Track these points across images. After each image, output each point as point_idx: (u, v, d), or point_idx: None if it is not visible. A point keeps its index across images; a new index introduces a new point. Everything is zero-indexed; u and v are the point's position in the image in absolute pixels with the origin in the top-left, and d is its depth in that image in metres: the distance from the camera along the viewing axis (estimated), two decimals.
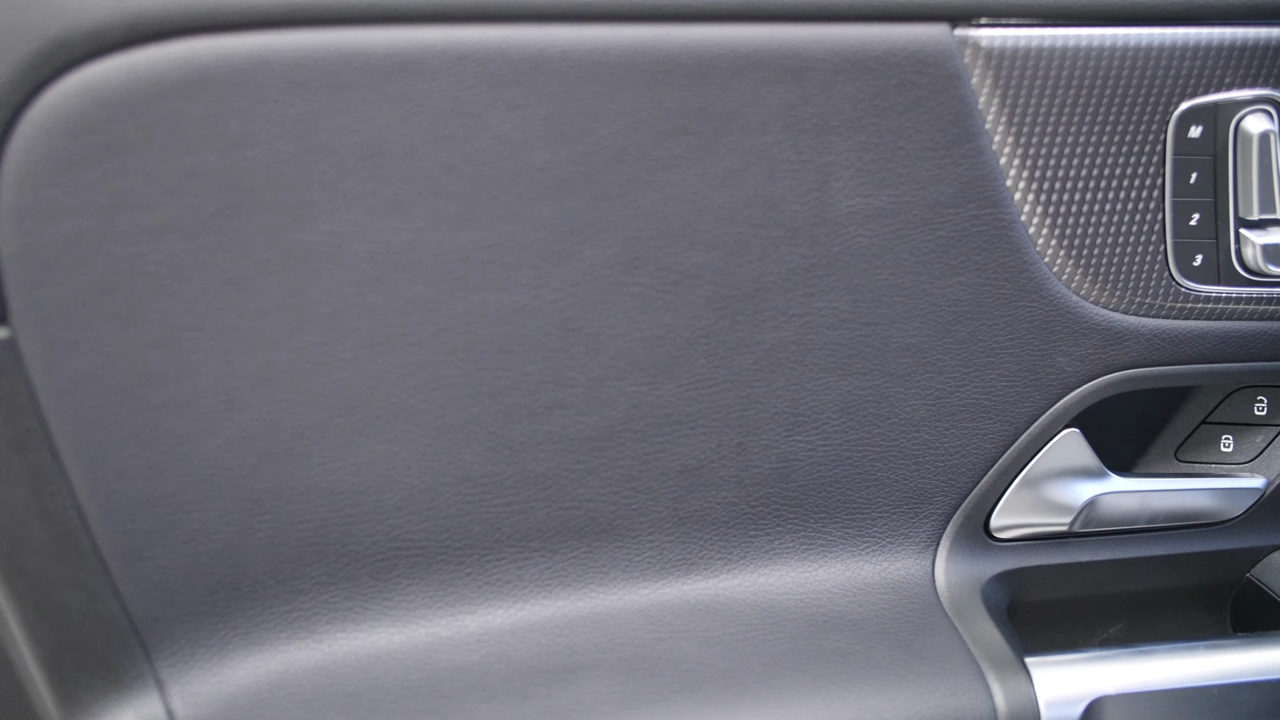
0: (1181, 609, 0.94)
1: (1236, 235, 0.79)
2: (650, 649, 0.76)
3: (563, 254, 0.69)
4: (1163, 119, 0.75)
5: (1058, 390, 0.81)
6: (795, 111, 0.69)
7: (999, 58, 0.71)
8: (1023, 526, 0.85)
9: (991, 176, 0.73)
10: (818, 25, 0.68)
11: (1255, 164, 0.77)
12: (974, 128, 0.72)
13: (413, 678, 0.72)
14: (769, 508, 0.79)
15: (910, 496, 0.82)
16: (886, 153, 0.71)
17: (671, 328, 0.73)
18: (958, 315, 0.77)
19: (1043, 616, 0.91)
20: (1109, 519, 0.86)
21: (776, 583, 0.81)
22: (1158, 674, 0.80)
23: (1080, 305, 0.79)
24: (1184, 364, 0.82)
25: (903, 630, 0.80)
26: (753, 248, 0.72)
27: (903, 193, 0.72)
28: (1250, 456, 0.90)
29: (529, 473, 0.74)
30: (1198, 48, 0.73)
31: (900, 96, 0.70)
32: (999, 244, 0.75)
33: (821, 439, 0.78)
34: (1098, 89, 0.73)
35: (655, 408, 0.74)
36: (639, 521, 0.77)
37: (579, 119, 0.66)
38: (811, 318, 0.75)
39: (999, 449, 0.82)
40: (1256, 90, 0.75)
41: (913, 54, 0.69)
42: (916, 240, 0.74)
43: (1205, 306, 0.80)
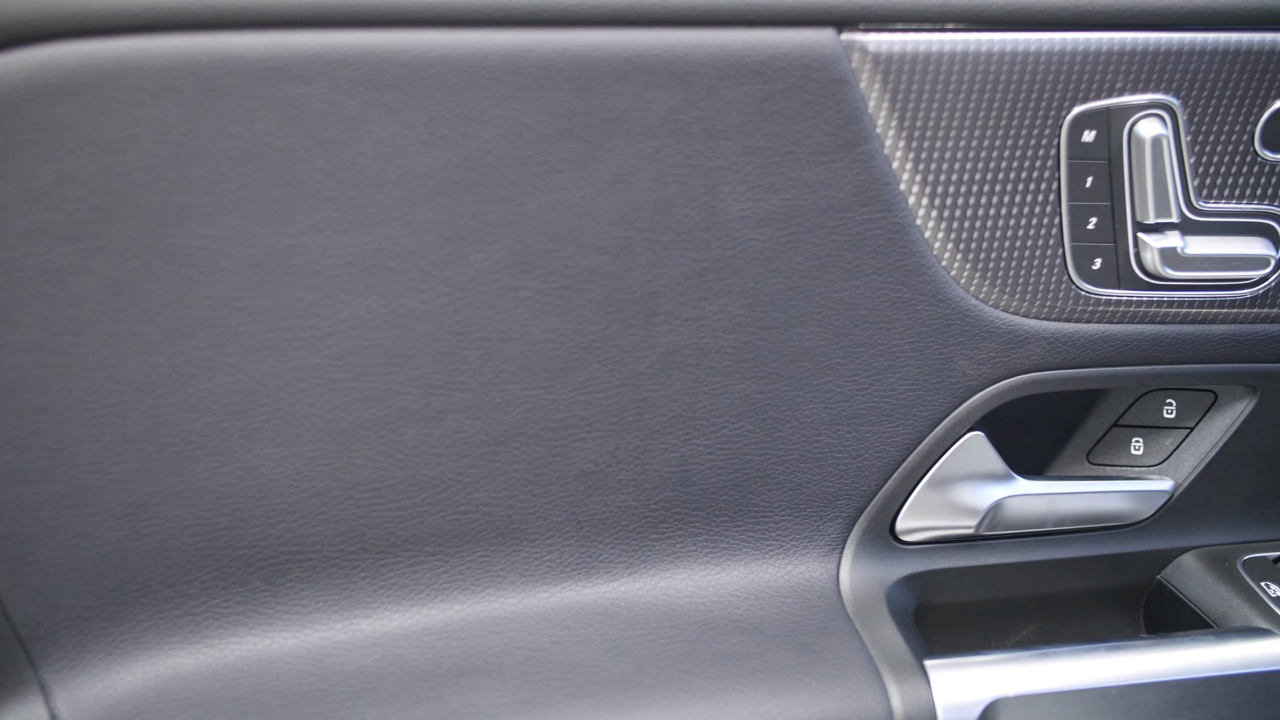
0: (1094, 611, 0.94)
1: (1135, 239, 0.79)
2: (547, 652, 0.76)
3: (449, 258, 0.69)
4: (1055, 123, 0.75)
5: (960, 394, 0.81)
6: (681, 116, 0.69)
7: (887, 62, 0.71)
8: (929, 529, 0.86)
9: (884, 180, 0.74)
10: (701, 30, 0.68)
11: (1149, 168, 0.77)
12: (864, 132, 0.72)
13: (304, 681, 0.72)
14: (669, 511, 0.80)
15: (814, 500, 0.82)
16: (776, 157, 0.71)
17: (563, 332, 0.73)
18: (855, 319, 0.77)
19: (954, 619, 0.91)
20: (1016, 521, 0.87)
21: (678, 586, 0.81)
22: (1056, 676, 0.80)
23: (980, 309, 0.79)
24: (1086, 367, 0.82)
25: (803, 633, 0.80)
26: (643, 252, 0.72)
27: (794, 197, 0.73)
28: (1160, 459, 0.91)
29: (422, 476, 0.74)
30: (1088, 53, 0.73)
31: (788, 101, 0.70)
32: (894, 248, 0.75)
33: (720, 442, 0.78)
34: (988, 93, 0.73)
35: (550, 412, 0.74)
36: (537, 525, 0.77)
37: (460, 123, 0.66)
38: (706, 322, 0.75)
39: (902, 452, 0.82)
40: (1150, 95, 0.76)
41: (799, 58, 0.69)
42: (809, 244, 0.74)
43: (1106, 310, 0.81)
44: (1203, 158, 0.78)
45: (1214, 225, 0.80)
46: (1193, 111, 0.76)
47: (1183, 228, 0.79)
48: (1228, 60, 0.75)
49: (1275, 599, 0.88)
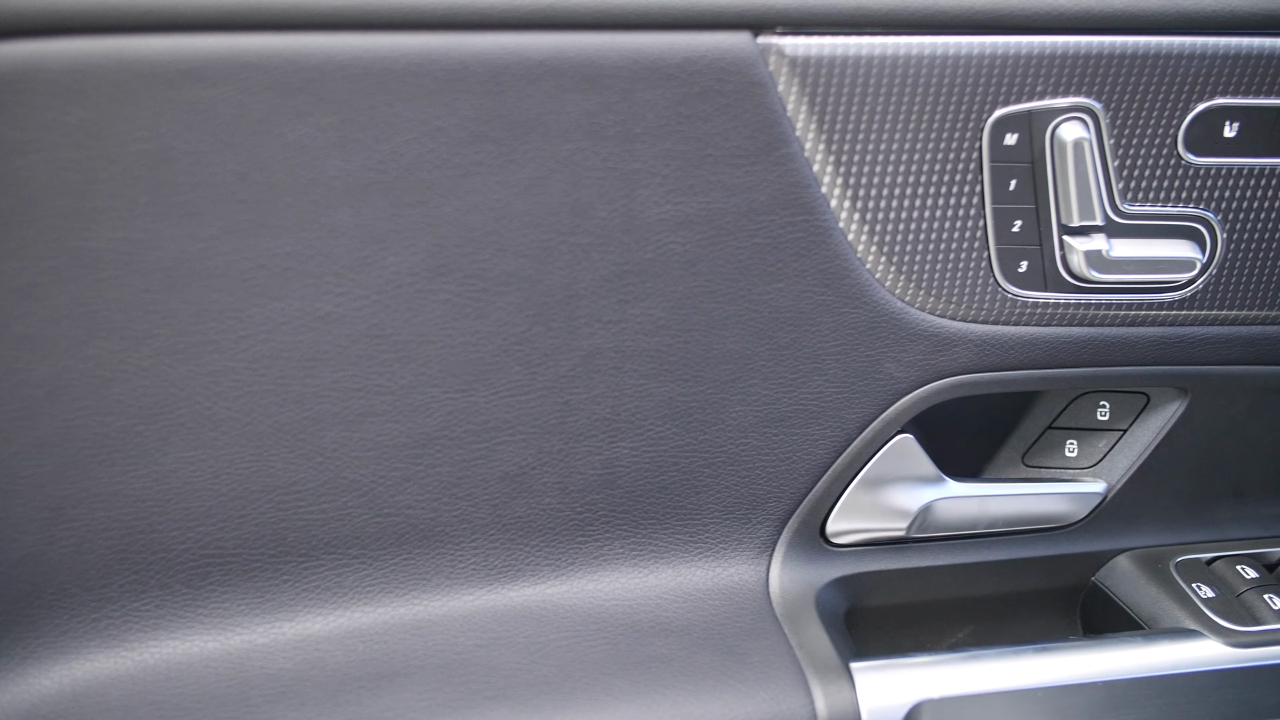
0: (1031, 613, 0.94)
1: (1060, 242, 0.79)
2: (469, 656, 0.76)
3: (365, 261, 0.69)
4: (976, 127, 0.75)
5: (887, 396, 0.81)
6: (596, 119, 0.69)
7: (803, 65, 0.71)
8: (859, 532, 0.86)
9: (805, 183, 0.74)
10: (614, 34, 0.68)
11: (1072, 171, 0.77)
12: (783, 134, 0.72)
13: (223, 685, 0.72)
14: (596, 514, 0.80)
15: (743, 502, 0.82)
16: (694, 160, 0.71)
17: (483, 334, 0.73)
18: (779, 321, 0.77)
19: (889, 621, 0.91)
20: (947, 524, 0.87)
21: (605, 589, 0.81)
22: (983, 678, 0.80)
23: (906, 311, 0.79)
24: (1015, 370, 0.82)
25: (729, 636, 0.80)
26: (562, 254, 0.72)
27: (713, 199, 0.73)
28: (1093, 461, 0.91)
29: (343, 479, 0.74)
30: (1007, 56, 0.74)
31: (704, 104, 0.70)
32: (816, 250, 0.75)
33: (646, 445, 0.78)
34: (906, 96, 0.73)
35: (471, 414, 0.74)
36: (461, 528, 0.77)
37: (371, 126, 0.66)
38: (627, 324, 0.75)
39: (831, 455, 0.82)
40: (1071, 99, 0.76)
41: (714, 62, 0.69)
42: (731, 247, 0.74)
43: (1033, 312, 0.81)
44: (1126, 161, 0.78)
45: (1140, 228, 0.80)
46: (1115, 115, 0.77)
47: (1108, 230, 0.79)
48: (1149, 64, 0.76)
49: (1206, 600, 0.88)
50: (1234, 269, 0.83)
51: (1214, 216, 0.81)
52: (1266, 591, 0.89)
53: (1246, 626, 0.86)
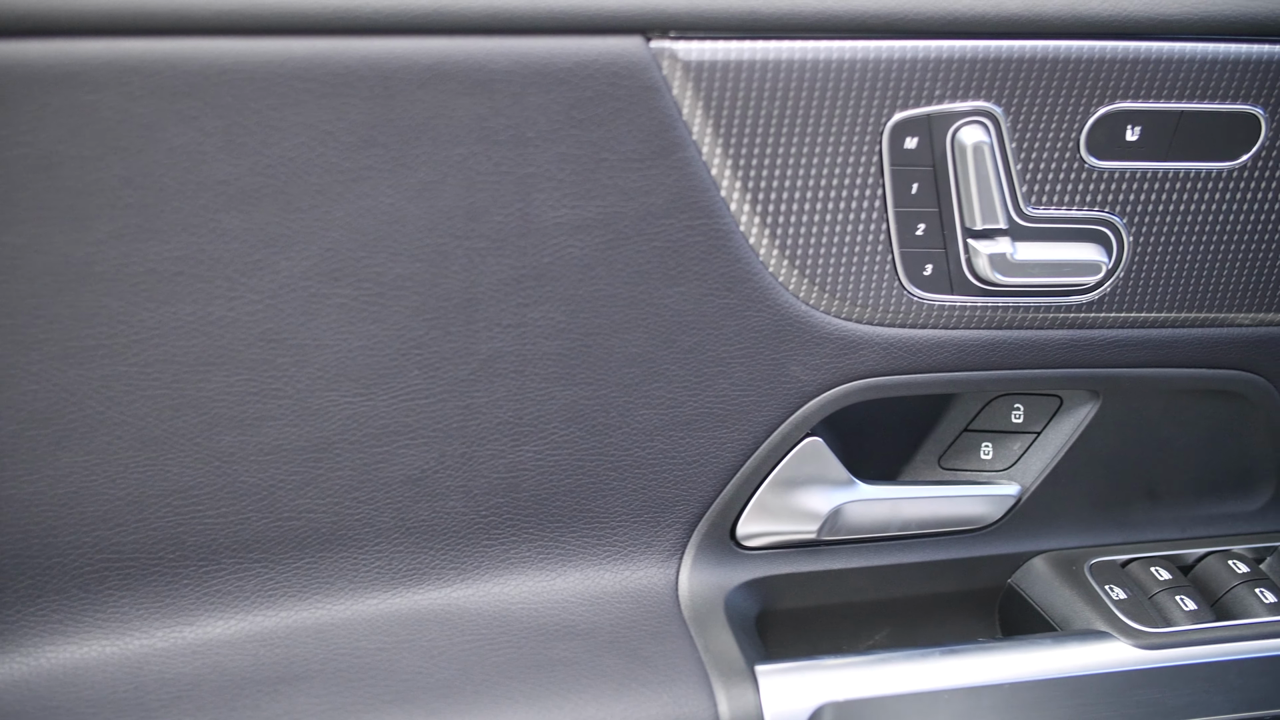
0: (949, 615, 0.94)
1: (965, 245, 0.79)
2: (371, 659, 0.76)
3: (256, 265, 0.69)
4: (875, 130, 0.75)
5: (794, 399, 0.81)
6: (488, 123, 0.69)
7: (697, 69, 0.71)
8: (770, 534, 0.86)
9: (703, 187, 0.74)
10: (504, 38, 0.68)
11: (973, 175, 0.77)
12: (679, 138, 0.72)
13: (119, 690, 0.72)
14: (501, 517, 0.80)
15: (651, 505, 0.82)
16: (589, 164, 0.71)
17: (380, 339, 0.73)
18: (681, 325, 0.77)
19: (804, 624, 0.91)
20: (858, 526, 0.87)
21: (511, 592, 0.81)
22: (889, 680, 0.81)
23: (810, 314, 0.79)
24: (924, 372, 0.83)
25: (635, 639, 0.80)
26: (458, 259, 0.72)
27: (611, 203, 0.73)
28: (1008, 463, 0.91)
29: (242, 484, 0.74)
30: (904, 60, 0.74)
31: (597, 108, 0.70)
32: (717, 254, 0.76)
33: (550, 449, 0.78)
34: (804, 100, 0.73)
35: (371, 418, 0.74)
36: (364, 532, 0.77)
37: (259, 131, 0.66)
38: (527, 328, 0.75)
39: (739, 458, 0.82)
40: (971, 103, 0.76)
41: (605, 66, 0.69)
42: (630, 251, 0.74)
43: (940, 315, 0.81)
44: (1029, 164, 0.78)
45: (1045, 231, 0.80)
46: (1015, 119, 0.77)
47: (1012, 234, 0.79)
48: (1048, 68, 0.76)
49: (1118, 602, 0.88)
50: (1141, 272, 0.83)
51: (1119, 220, 0.81)
52: (1178, 593, 0.89)
53: (1157, 628, 0.87)
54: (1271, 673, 0.87)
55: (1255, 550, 0.96)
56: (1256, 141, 0.81)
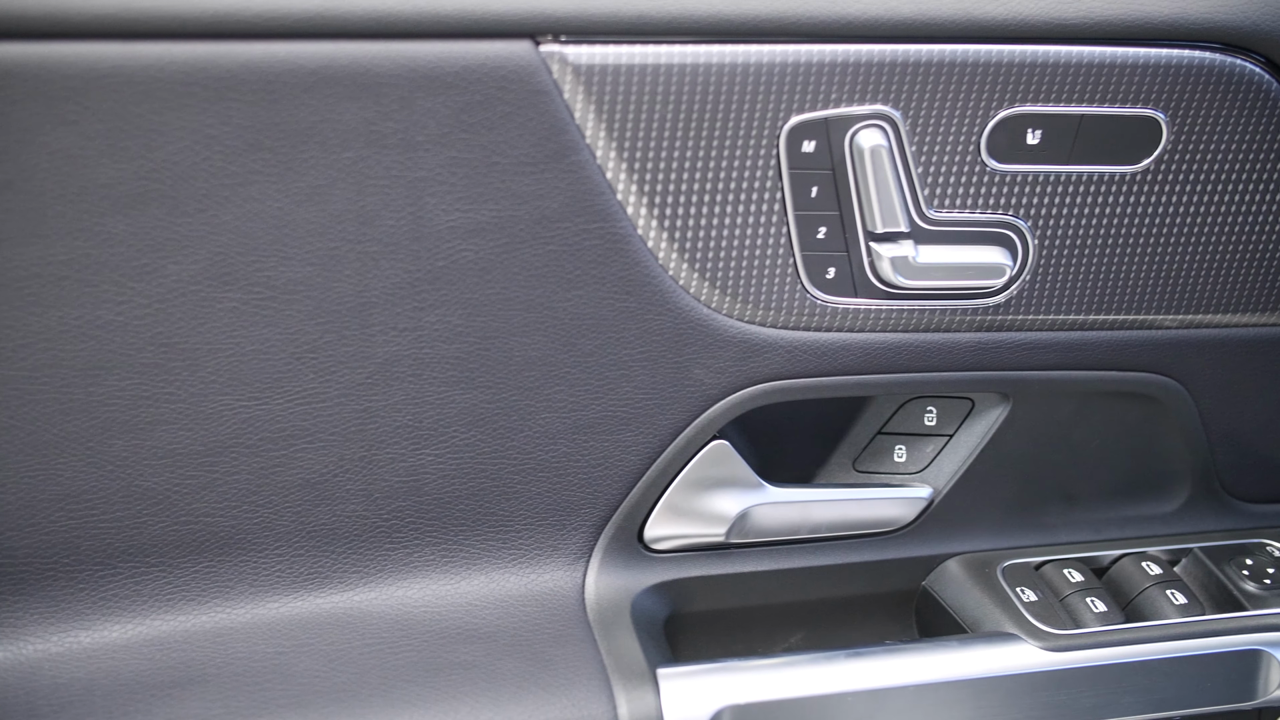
0: (866, 618, 0.94)
1: (867, 248, 0.80)
2: (269, 663, 0.76)
3: (144, 269, 0.69)
4: (772, 134, 0.75)
5: (699, 403, 0.81)
6: (376, 127, 0.69)
7: (587, 73, 0.71)
8: (678, 538, 0.86)
9: (598, 190, 0.74)
10: (389, 42, 0.68)
11: (872, 178, 0.77)
12: (572, 142, 0.72)
13: (10, 695, 0.72)
14: (403, 521, 0.80)
15: (556, 509, 0.82)
16: (481, 168, 0.71)
17: (273, 342, 0.73)
18: (581, 329, 0.77)
19: (717, 627, 0.91)
20: (767, 529, 0.87)
21: (414, 596, 0.81)
22: (792, 683, 0.81)
23: (713, 318, 0.79)
24: (830, 375, 0.83)
25: (538, 642, 0.80)
26: (350, 262, 0.72)
27: (504, 207, 0.73)
28: (921, 466, 0.91)
29: (136, 488, 0.74)
30: (799, 64, 0.74)
31: (487, 112, 0.70)
32: (615, 257, 0.76)
33: (451, 452, 0.79)
34: (697, 104, 0.73)
35: (267, 422, 0.74)
36: (263, 536, 0.77)
37: (141, 135, 0.66)
38: (424, 332, 0.75)
39: (645, 461, 0.82)
40: (869, 106, 0.76)
41: (494, 70, 0.69)
42: (525, 254, 0.74)
43: (844, 318, 0.81)
44: (929, 168, 0.78)
45: (948, 234, 0.80)
46: (914, 122, 0.77)
47: (914, 236, 0.80)
48: (945, 72, 0.76)
49: (1028, 604, 0.88)
50: (1047, 275, 0.83)
51: (1024, 223, 0.81)
52: (1089, 595, 0.89)
53: (1066, 630, 0.87)
54: (1180, 673, 0.88)
55: (1171, 552, 0.96)
56: (1158, 145, 0.81)
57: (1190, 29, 0.78)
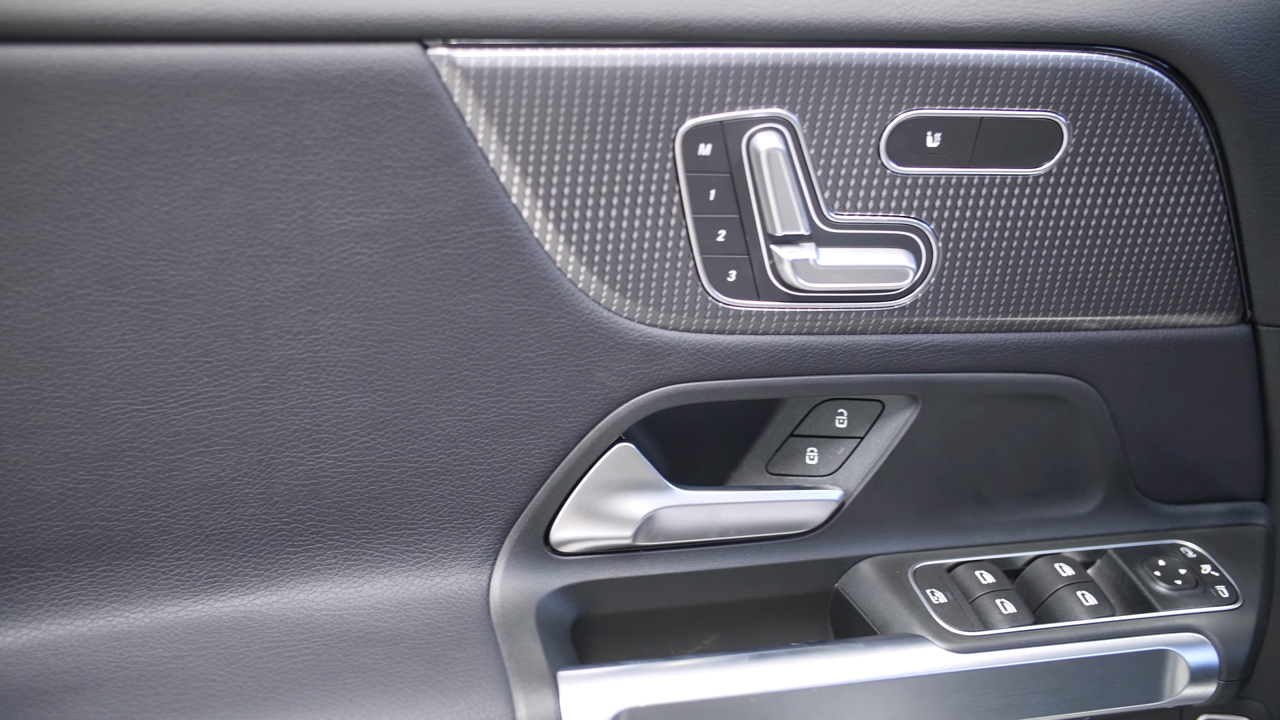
0: (780, 619, 0.94)
1: (768, 251, 0.80)
2: (165, 667, 0.76)
3: (30, 273, 0.69)
4: (667, 137, 0.75)
5: (602, 405, 0.81)
6: (262, 131, 0.69)
7: (477, 77, 0.71)
8: (584, 540, 0.86)
9: (492, 194, 0.74)
10: (274, 46, 0.68)
11: (769, 181, 0.77)
12: (463, 145, 0.72)
13: None
14: (304, 524, 0.80)
15: (460, 511, 0.82)
16: (371, 171, 0.72)
17: (165, 346, 0.73)
18: (479, 332, 0.77)
19: (628, 629, 0.91)
20: (675, 532, 0.87)
21: (316, 599, 0.81)
22: (692, 686, 0.81)
23: (613, 321, 0.79)
24: (735, 378, 0.83)
25: (438, 645, 0.80)
26: (241, 266, 0.72)
27: (396, 211, 0.73)
28: (833, 468, 0.91)
29: (29, 492, 0.74)
30: (692, 68, 0.74)
31: (375, 116, 0.70)
32: (511, 261, 0.76)
33: (351, 456, 0.79)
34: (589, 107, 0.73)
35: (161, 426, 0.74)
36: (161, 540, 0.77)
37: (22, 139, 0.66)
38: (319, 335, 0.75)
39: (549, 464, 0.82)
40: (766, 110, 0.76)
41: (381, 74, 0.70)
42: (420, 258, 0.74)
43: (747, 321, 0.81)
44: (829, 171, 0.79)
45: (850, 237, 0.81)
46: (812, 125, 0.77)
47: (816, 239, 0.80)
48: (841, 76, 0.76)
49: (937, 606, 0.89)
50: (952, 277, 0.84)
51: (927, 226, 0.82)
52: (999, 597, 0.90)
53: (973, 631, 0.87)
54: (1087, 674, 0.88)
55: (1086, 553, 0.96)
56: (1060, 148, 0.81)
57: (1087, 33, 0.79)
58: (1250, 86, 0.81)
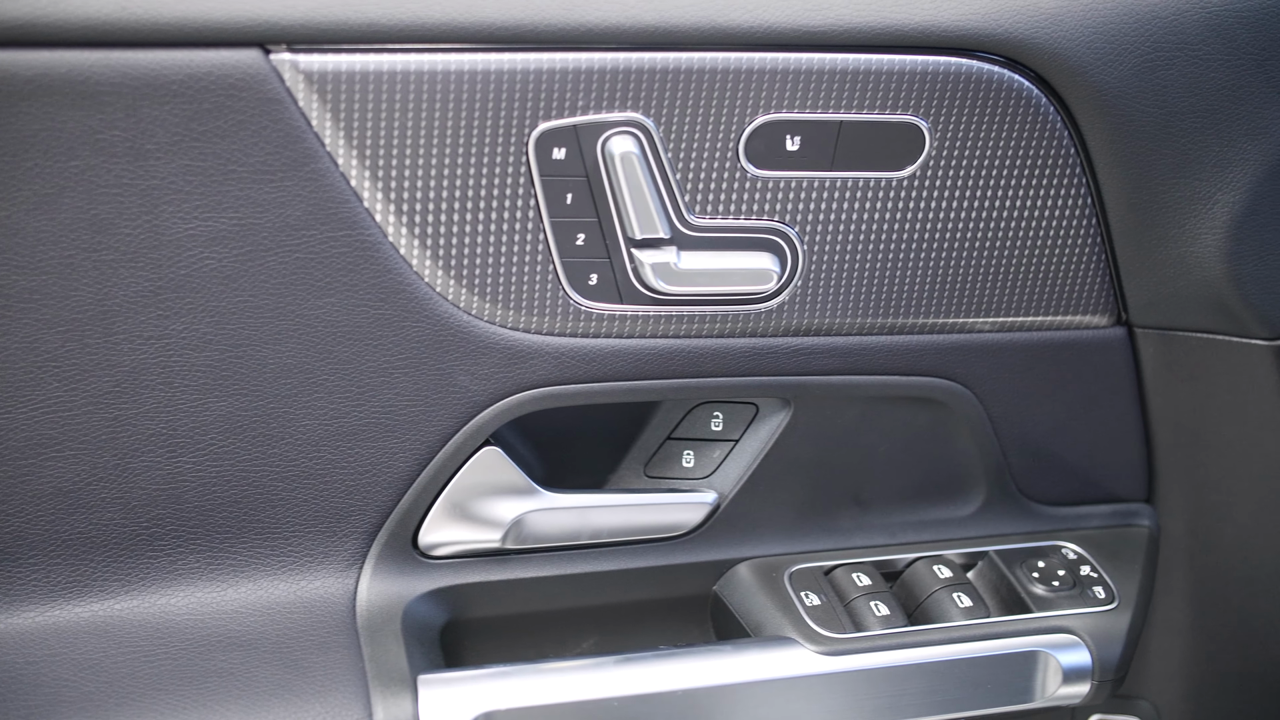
0: (662, 622, 0.95)
1: (629, 255, 0.80)
2: (18, 673, 0.76)
3: None
4: (520, 141, 0.75)
5: (466, 409, 0.81)
6: (101, 136, 0.69)
7: (321, 81, 0.71)
8: (453, 544, 0.86)
9: (343, 198, 0.74)
10: (110, 50, 0.68)
11: (625, 185, 0.78)
12: (310, 150, 0.72)
13: None
14: (164, 529, 0.79)
15: (326, 515, 0.82)
16: (217, 176, 0.71)
17: (11, 351, 0.72)
18: (336, 336, 0.77)
19: (510, 632, 0.91)
20: (545, 535, 0.87)
21: (178, 604, 0.81)
22: (554, 689, 0.81)
23: (474, 325, 0.79)
24: (602, 381, 0.83)
25: (300, 649, 0.80)
26: (87, 271, 0.72)
27: (245, 215, 0.73)
28: (709, 471, 0.92)
29: None
30: (542, 72, 0.74)
31: (217, 121, 0.70)
32: (365, 265, 0.76)
33: (211, 460, 0.78)
34: (439, 111, 0.73)
35: (11, 431, 0.74)
36: (17, 545, 0.77)
37: None
38: (171, 340, 0.75)
39: (414, 468, 0.82)
40: (620, 114, 0.76)
41: (221, 79, 0.69)
42: (271, 262, 0.74)
43: (611, 325, 0.81)
44: (688, 175, 0.79)
45: (712, 240, 0.81)
46: (668, 129, 0.77)
47: (677, 243, 0.80)
48: (695, 79, 0.76)
49: (809, 608, 0.89)
50: (819, 280, 0.84)
51: (792, 230, 0.82)
52: (875, 599, 0.90)
53: (843, 634, 0.87)
54: (958, 675, 0.88)
55: (967, 555, 0.96)
56: (922, 152, 0.82)
57: (943, 37, 0.79)
58: (1111, 90, 0.81)
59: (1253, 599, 0.99)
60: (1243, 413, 0.92)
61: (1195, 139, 0.83)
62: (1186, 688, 1.03)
